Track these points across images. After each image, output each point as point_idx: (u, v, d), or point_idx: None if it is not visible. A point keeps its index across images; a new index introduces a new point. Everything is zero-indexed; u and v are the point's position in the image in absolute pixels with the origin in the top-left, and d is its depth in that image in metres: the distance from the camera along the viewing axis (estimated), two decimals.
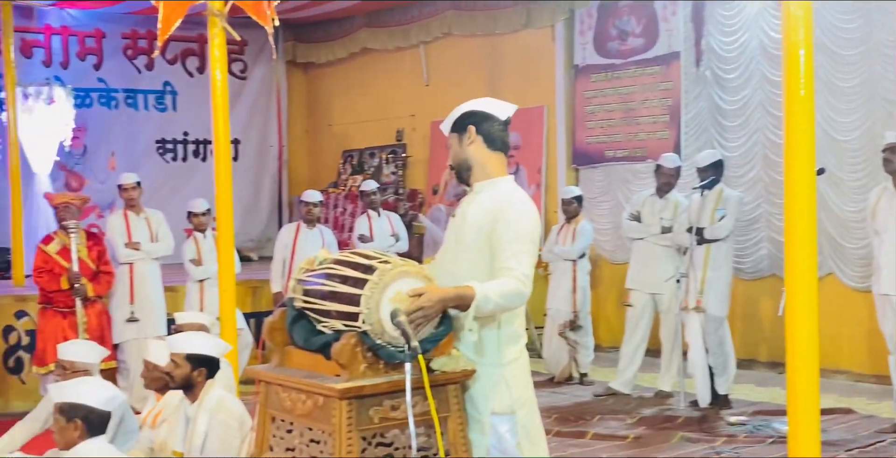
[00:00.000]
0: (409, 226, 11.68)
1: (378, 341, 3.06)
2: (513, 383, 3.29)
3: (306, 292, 3.27)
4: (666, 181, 7.70)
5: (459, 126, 3.41)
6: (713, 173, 7.20)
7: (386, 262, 3.16)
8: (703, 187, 7.10)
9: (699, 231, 7.07)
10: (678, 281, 7.12)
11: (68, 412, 3.87)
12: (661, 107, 9.76)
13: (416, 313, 3.04)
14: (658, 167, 7.79)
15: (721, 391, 7.26)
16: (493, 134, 3.38)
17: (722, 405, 7.20)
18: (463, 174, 3.44)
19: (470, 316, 3.12)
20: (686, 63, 9.54)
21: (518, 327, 3.36)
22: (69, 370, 5.12)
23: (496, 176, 3.38)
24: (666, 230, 7.55)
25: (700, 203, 7.09)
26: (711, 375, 7.23)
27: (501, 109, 3.42)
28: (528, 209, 3.30)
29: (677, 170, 7.77)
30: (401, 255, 3.44)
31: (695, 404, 7.25)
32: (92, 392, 3.90)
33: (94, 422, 3.86)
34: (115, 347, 7.65)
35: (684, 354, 7.35)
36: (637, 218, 7.75)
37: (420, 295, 3.07)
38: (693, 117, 9.49)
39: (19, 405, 7.69)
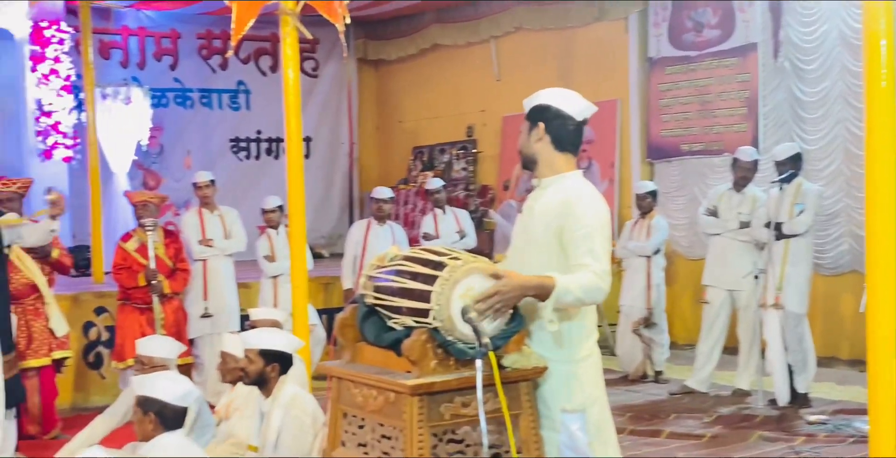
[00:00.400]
0: (479, 222, 11.70)
1: (449, 338, 3.07)
2: (584, 380, 3.27)
3: (377, 289, 3.29)
4: (743, 175, 7.59)
5: (532, 117, 3.35)
6: (792, 167, 7.07)
7: (456, 258, 3.16)
8: (782, 181, 6.98)
9: (778, 226, 6.96)
10: (756, 277, 7.02)
11: (144, 405, 3.99)
12: (739, 99, 9.61)
13: (493, 297, 3.02)
14: (735, 161, 7.68)
15: (800, 389, 7.14)
16: (564, 135, 3.32)
17: (801, 404, 7.07)
18: (529, 167, 3.42)
19: (549, 307, 3.08)
20: (764, 54, 9.39)
21: (590, 324, 3.34)
22: (147, 365, 5.24)
23: (564, 171, 3.35)
24: (744, 225, 7.45)
25: (778, 197, 6.97)
26: (791, 373, 7.11)
27: (580, 108, 3.33)
28: (597, 203, 3.27)
29: (755, 163, 7.65)
30: (469, 251, 3.43)
31: (773, 402, 7.14)
32: (167, 388, 4.00)
33: (167, 416, 3.96)
34: (191, 342, 7.80)
35: (763, 351, 7.24)
36: (714, 213, 7.65)
37: (499, 277, 3.05)
38: (771, 110, 9.34)
39: (99, 399, 7.90)
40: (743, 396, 7.54)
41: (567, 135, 3.34)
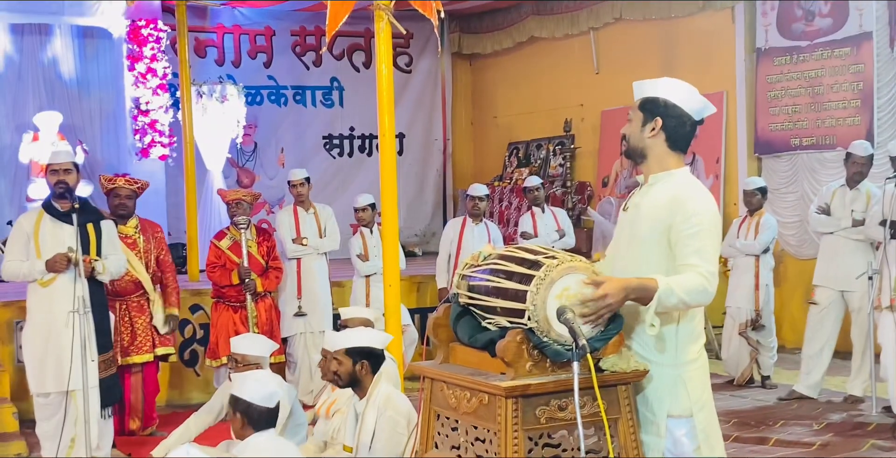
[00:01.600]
0: (577, 220, 11.61)
1: (544, 339, 3.06)
2: (691, 384, 3.22)
3: (471, 288, 3.30)
4: (857, 171, 7.40)
5: (650, 109, 3.27)
6: None
7: (552, 257, 3.15)
8: None
9: (893, 225, 6.75)
10: (870, 278, 6.82)
11: (233, 404, 4.11)
12: (852, 91, 9.35)
13: (598, 302, 2.99)
14: (848, 155, 7.50)
15: None
16: (680, 135, 3.27)
17: None
18: (636, 159, 3.36)
19: (651, 310, 3.05)
20: (879, 44, 9.12)
21: (697, 326, 3.28)
22: (241, 363, 5.34)
23: (673, 168, 3.30)
24: (857, 223, 7.27)
25: (894, 194, 6.76)
26: None
27: (699, 107, 3.27)
28: (707, 201, 3.22)
29: (870, 158, 7.45)
30: (568, 251, 3.40)
31: (888, 410, 6.94)
32: (253, 388, 4.08)
33: (252, 416, 4.05)
34: (284, 341, 7.93)
35: (877, 356, 7.04)
36: (826, 211, 7.49)
37: (599, 284, 3.03)
38: (887, 102, 9.08)
39: (195, 396, 8.11)
40: (856, 402, 7.36)
41: (684, 135, 3.28)
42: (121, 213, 6.77)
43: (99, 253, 5.79)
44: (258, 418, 4.06)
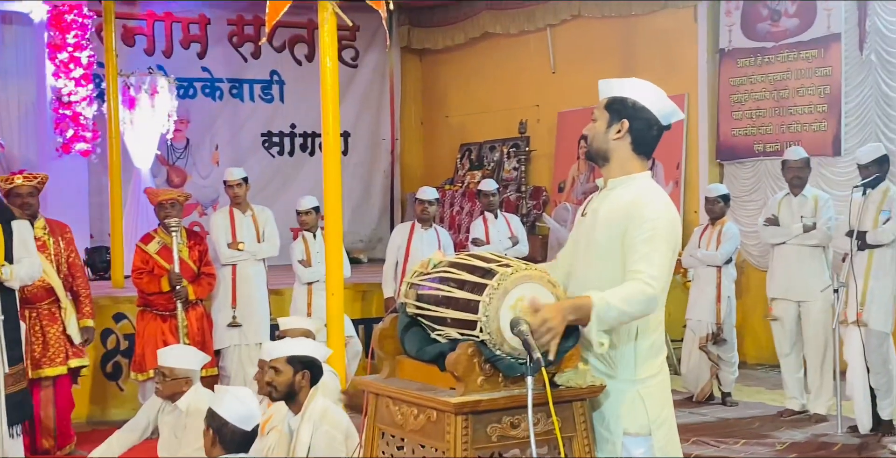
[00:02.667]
0: (531, 227, 11.67)
1: (497, 352, 3.07)
2: (649, 401, 3.25)
3: (420, 298, 3.30)
4: (794, 175, 7.64)
5: (616, 110, 3.29)
6: (877, 170, 7.01)
7: (507, 265, 3.16)
8: (866, 186, 6.91)
9: (861, 235, 6.88)
10: (836, 291, 6.94)
11: (209, 418, 4.03)
12: (819, 95, 9.51)
13: (542, 328, 2.98)
14: (784, 163, 7.73)
15: (884, 415, 7.04)
16: (646, 139, 3.30)
17: (885, 432, 6.97)
18: (597, 161, 3.38)
19: (594, 329, 3.06)
20: (847, 46, 9.28)
21: (657, 340, 3.31)
22: (169, 377, 5.29)
23: (635, 172, 3.33)
24: (809, 228, 7.45)
25: (862, 204, 6.89)
26: (873, 397, 7.01)
27: (668, 112, 3.31)
28: (666, 207, 3.25)
29: (805, 162, 7.67)
30: (521, 259, 3.41)
31: (854, 429, 7.05)
32: (231, 406, 3.99)
33: (224, 436, 3.96)
34: (217, 353, 7.86)
35: (842, 373, 7.16)
36: (775, 222, 7.66)
37: (538, 310, 3.02)
38: (855, 107, 9.23)
39: (118, 413, 7.97)
40: (819, 421, 7.46)
41: (650, 139, 3.32)
42: (27, 214, 6.43)
43: (8, 257, 5.56)
44: (231, 439, 3.99)
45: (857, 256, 6.90)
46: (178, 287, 7.30)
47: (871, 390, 7.01)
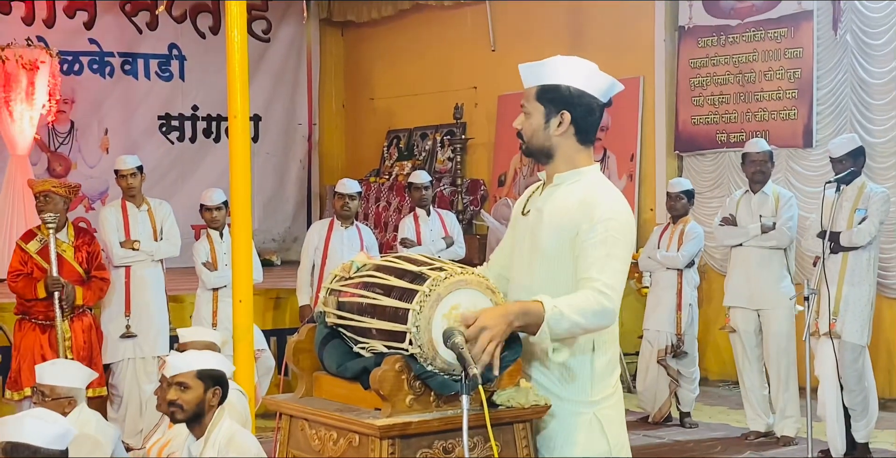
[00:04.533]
0: (468, 225, 11.70)
1: (428, 368, 3.07)
2: (608, 425, 3.27)
3: (340, 306, 3.29)
4: (756, 170, 7.77)
5: (552, 100, 3.28)
6: (852, 164, 7.12)
7: (440, 269, 3.16)
8: (840, 182, 7.02)
9: (833, 237, 6.99)
10: (806, 298, 7.04)
11: (12, 453, 3.87)
12: (788, 79, 9.65)
13: (481, 338, 2.96)
14: (744, 156, 7.85)
15: (859, 438, 7.16)
16: (590, 126, 3.31)
17: (860, 456, 7.10)
18: (539, 160, 3.39)
19: (546, 339, 3.06)
20: (820, 25, 9.43)
21: (614, 355, 3.33)
22: (49, 397, 5.22)
23: (582, 166, 3.34)
24: (767, 229, 7.61)
25: (835, 201, 7.01)
26: (847, 418, 7.14)
27: (607, 87, 3.30)
28: (620, 206, 3.26)
29: (768, 155, 7.80)
30: (457, 262, 3.41)
31: (826, 453, 7.17)
32: (35, 429, 3.89)
33: None
34: (106, 369, 7.77)
35: (814, 391, 7.27)
36: (732, 222, 7.77)
37: (471, 320, 2.99)
38: (829, 93, 9.39)
39: None
40: (787, 444, 7.58)
41: (592, 124, 3.32)
42: None
43: None
44: None
45: (829, 259, 7.01)
46: (56, 293, 7.19)
47: (845, 409, 7.13)
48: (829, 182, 7.09)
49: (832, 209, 7.02)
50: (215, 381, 4.45)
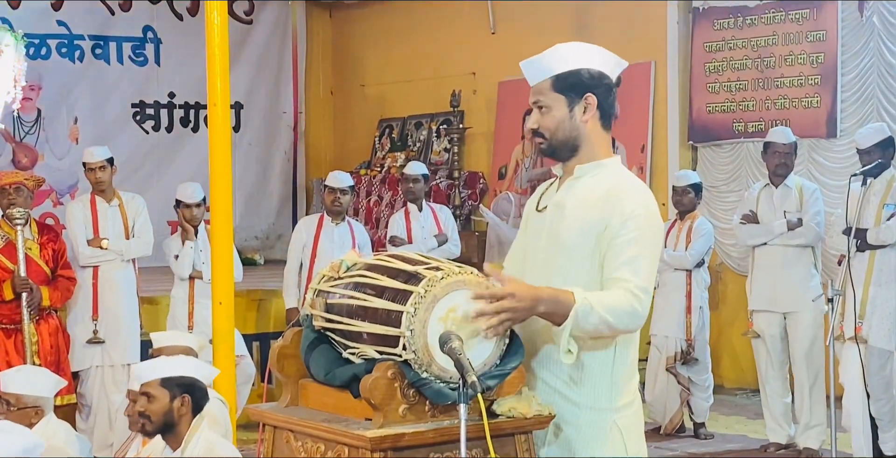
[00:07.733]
0: (466, 221, 11.70)
1: (423, 375, 3.07)
2: (629, 434, 3.28)
3: (329, 308, 3.29)
4: (780, 162, 7.78)
5: (572, 87, 3.30)
6: (880, 156, 7.13)
7: (436, 268, 3.16)
8: (866, 174, 7.01)
9: (860, 234, 6.99)
10: (830, 300, 7.04)
11: None
12: (810, 64, 9.65)
13: (505, 302, 3.01)
14: (767, 146, 7.85)
15: (887, 450, 7.17)
16: (611, 107, 3.35)
17: None
18: (563, 154, 3.37)
19: (567, 330, 3.08)
20: (845, 6, 9.43)
21: (634, 359, 3.35)
22: (15, 406, 5.22)
23: (602, 158, 3.35)
24: (794, 226, 7.58)
25: (862, 196, 7.01)
26: (874, 428, 7.14)
27: (614, 65, 3.36)
28: (649, 200, 3.29)
29: (793, 146, 7.83)
30: (453, 261, 3.41)
31: None
32: (1, 443, 3.90)
33: None
34: (75, 376, 7.76)
35: (838, 399, 7.27)
36: (754, 219, 7.76)
37: (500, 286, 3.03)
38: (854, 79, 9.40)
39: None
40: (810, 457, 7.58)
41: (612, 105, 3.37)
42: None
43: None
44: None
45: (855, 258, 7.00)
46: (24, 294, 7.18)
47: (872, 419, 7.14)
48: (855, 175, 7.09)
49: (858, 204, 7.02)
50: (184, 388, 4.44)
